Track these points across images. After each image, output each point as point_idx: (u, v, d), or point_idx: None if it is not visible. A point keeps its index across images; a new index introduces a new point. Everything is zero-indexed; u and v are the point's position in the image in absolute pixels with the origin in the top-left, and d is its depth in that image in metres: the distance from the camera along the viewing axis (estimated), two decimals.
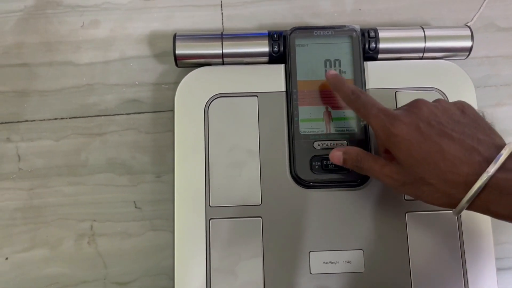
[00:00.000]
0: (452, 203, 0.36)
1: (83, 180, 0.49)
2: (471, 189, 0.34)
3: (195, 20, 0.53)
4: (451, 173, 0.34)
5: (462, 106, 0.39)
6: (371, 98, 0.41)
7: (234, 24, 0.53)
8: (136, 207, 0.49)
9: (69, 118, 0.50)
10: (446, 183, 0.35)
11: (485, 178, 0.33)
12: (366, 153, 0.41)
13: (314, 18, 0.53)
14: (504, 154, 0.33)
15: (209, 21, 0.53)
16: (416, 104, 0.39)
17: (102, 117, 0.50)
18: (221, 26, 0.53)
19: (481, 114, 0.39)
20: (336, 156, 0.42)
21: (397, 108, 0.41)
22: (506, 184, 0.33)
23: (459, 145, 0.35)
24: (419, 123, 0.37)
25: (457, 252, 0.44)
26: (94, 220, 0.48)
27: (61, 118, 0.50)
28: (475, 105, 0.47)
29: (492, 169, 0.33)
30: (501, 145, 0.35)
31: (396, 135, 0.37)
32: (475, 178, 0.33)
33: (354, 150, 0.42)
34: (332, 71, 0.45)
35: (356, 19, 0.52)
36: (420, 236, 0.44)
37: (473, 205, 0.35)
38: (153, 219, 0.48)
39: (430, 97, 0.46)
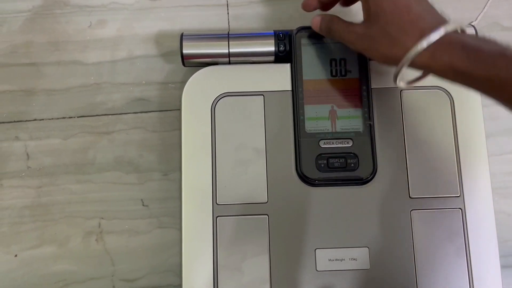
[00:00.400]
0: (397, 55, 0.38)
1: (91, 178, 0.50)
2: (423, 40, 0.36)
3: (202, 20, 0.53)
4: (410, 23, 0.37)
5: None
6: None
7: (240, 24, 0.53)
8: (143, 205, 0.49)
9: (77, 117, 0.51)
10: (401, 30, 0.38)
11: (443, 32, 0.36)
12: (339, 18, 0.44)
13: None
14: (461, 22, 0.37)
15: (216, 21, 0.53)
16: None
17: (110, 116, 0.51)
18: (227, 25, 0.53)
19: None
20: (315, 20, 0.45)
21: None
22: (457, 40, 0.35)
23: (425, 7, 0.38)
24: None
25: (462, 250, 0.45)
26: (102, 218, 0.49)
27: (69, 117, 0.51)
28: (479, 103, 0.47)
29: (451, 26, 0.36)
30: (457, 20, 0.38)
31: None
32: (430, 31, 0.36)
33: (330, 15, 0.45)
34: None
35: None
36: (425, 234, 0.45)
37: (419, 57, 0.37)
38: (160, 217, 0.49)
39: (435, 96, 0.47)
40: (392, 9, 0.38)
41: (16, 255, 0.48)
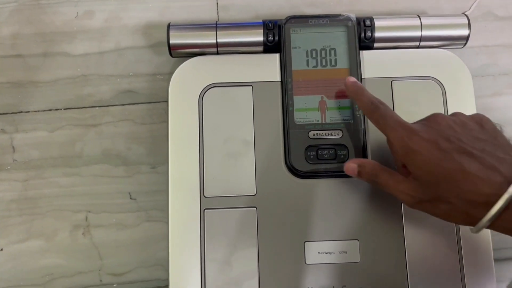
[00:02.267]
0: (471, 222, 0.35)
1: (78, 171, 0.49)
2: (492, 210, 0.32)
3: (191, 10, 0.53)
4: (472, 193, 0.33)
5: (480, 120, 0.37)
6: (390, 110, 0.39)
7: (230, 14, 0.53)
8: (131, 198, 0.49)
9: (64, 109, 0.50)
10: (466, 203, 0.34)
11: (506, 198, 0.32)
12: (381, 167, 0.40)
13: (311, 7, 0.53)
14: None
15: (205, 11, 0.53)
16: (434, 119, 0.38)
17: (97, 108, 0.50)
18: (217, 16, 0.52)
19: (499, 128, 0.38)
20: (351, 168, 0.41)
21: (415, 122, 0.39)
22: None
23: (480, 163, 0.34)
24: (438, 140, 0.35)
25: (454, 242, 0.44)
26: (89, 211, 0.48)
27: (56, 109, 0.50)
28: (471, 94, 0.47)
29: None
30: None
31: (415, 151, 0.35)
32: (496, 199, 0.32)
33: (370, 163, 0.40)
34: (352, 78, 0.43)
35: (352, 8, 0.52)
36: (416, 226, 0.44)
37: (493, 225, 0.34)
38: (149, 210, 0.48)
39: (426, 86, 0.46)
40: (443, 175, 0.34)
41: (2, 249, 0.47)
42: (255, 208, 0.44)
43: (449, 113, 0.46)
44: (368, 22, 0.47)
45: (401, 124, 0.37)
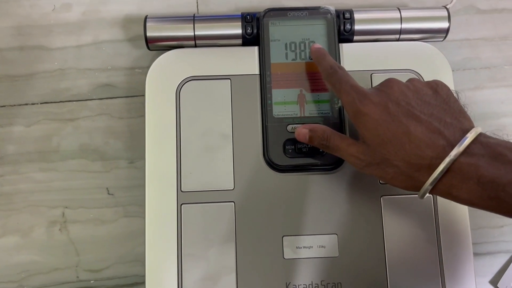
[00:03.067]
0: (416, 186, 0.35)
1: (55, 166, 0.48)
2: (434, 173, 0.33)
3: (170, 4, 0.52)
4: (416, 156, 0.34)
5: (436, 85, 0.38)
6: (348, 75, 0.40)
7: (210, 7, 0.52)
8: (109, 193, 0.48)
9: (41, 103, 0.49)
10: (410, 166, 0.34)
11: (447, 162, 0.33)
12: (332, 131, 0.40)
13: (291, 0, 0.52)
14: (468, 139, 0.33)
15: (184, 4, 0.52)
16: (387, 84, 0.38)
17: (75, 102, 0.50)
18: (196, 9, 0.52)
19: (455, 95, 0.38)
20: (302, 133, 0.41)
21: (371, 88, 0.40)
22: (469, 169, 0.32)
23: (426, 127, 0.34)
24: (388, 103, 0.36)
25: (433, 237, 0.44)
26: (66, 207, 0.48)
27: (32, 104, 0.49)
28: (451, 87, 0.46)
29: (454, 153, 0.33)
30: (467, 129, 0.34)
31: (364, 113, 0.36)
32: (439, 162, 0.33)
33: (320, 127, 0.41)
34: (317, 44, 0.45)
35: (332, 1, 0.51)
36: (396, 220, 0.44)
37: (436, 189, 0.34)
38: (127, 205, 0.48)
39: (406, 79, 0.46)
40: (390, 138, 0.35)
41: None
42: (233, 203, 0.44)
43: None
44: (347, 15, 0.47)
45: (355, 88, 0.38)
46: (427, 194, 0.35)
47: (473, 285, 0.43)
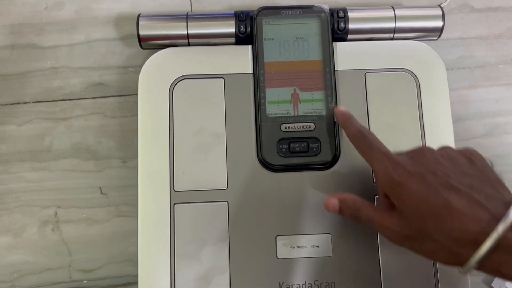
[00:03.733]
0: (459, 262, 0.33)
1: (47, 166, 0.48)
2: (480, 249, 0.31)
3: (163, 2, 0.52)
4: (458, 230, 0.32)
5: (470, 154, 0.36)
6: (377, 140, 0.38)
7: (203, 6, 0.52)
8: (101, 193, 0.48)
9: (33, 102, 0.49)
10: (452, 241, 0.32)
11: (495, 238, 0.30)
12: (363, 202, 0.38)
13: None
14: None
15: (177, 2, 0.52)
16: (420, 152, 0.36)
17: (67, 101, 0.49)
18: (190, 8, 0.51)
19: (489, 163, 0.37)
20: (332, 203, 0.39)
21: (400, 153, 0.38)
22: None
23: (467, 200, 0.32)
24: (424, 173, 0.34)
25: None
26: (59, 207, 0.47)
27: (24, 103, 0.49)
28: (446, 86, 0.46)
29: (502, 228, 0.30)
30: (510, 201, 0.32)
31: (400, 184, 0.34)
32: (484, 237, 0.31)
33: (351, 197, 0.38)
34: (342, 107, 0.43)
35: (327, 0, 0.51)
36: None
37: (482, 266, 0.32)
38: (119, 205, 0.47)
39: (400, 78, 0.46)
40: (429, 211, 0.33)
41: None
42: (226, 202, 0.43)
43: (423, 105, 0.46)
44: (341, 14, 0.46)
45: (387, 155, 0.36)
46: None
47: (467, 284, 0.43)
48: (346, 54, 0.46)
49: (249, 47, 0.46)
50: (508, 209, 0.31)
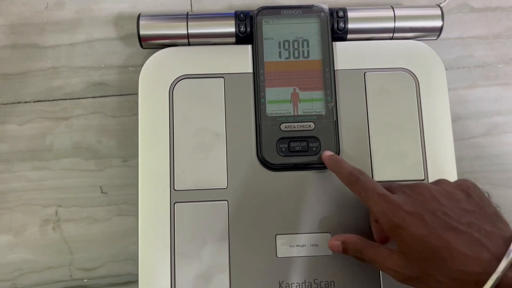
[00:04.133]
0: None
1: (48, 165, 0.48)
2: None
3: (163, 2, 0.52)
4: (460, 272, 0.32)
5: (467, 188, 0.36)
6: (370, 181, 0.39)
7: (203, 5, 0.52)
8: (102, 192, 0.48)
9: (34, 101, 0.49)
10: (455, 282, 0.33)
11: (495, 279, 0.31)
12: (364, 243, 0.39)
13: None
14: None
15: (177, 2, 0.52)
16: (418, 190, 0.36)
17: (68, 100, 0.49)
18: (190, 8, 0.52)
19: (486, 195, 0.37)
20: (335, 245, 0.40)
21: (396, 187, 0.38)
22: None
23: (467, 240, 0.33)
24: (424, 214, 0.34)
25: None
26: (60, 206, 0.47)
27: (25, 102, 0.49)
28: (445, 86, 0.46)
29: (502, 268, 0.31)
30: (509, 237, 0.33)
31: (400, 226, 0.34)
32: (486, 278, 0.31)
33: (352, 239, 0.39)
34: (328, 152, 0.43)
35: (327, 0, 0.51)
36: None
37: None
38: (120, 204, 0.48)
39: (399, 78, 0.46)
40: (430, 253, 0.33)
41: None
42: (226, 202, 0.44)
43: (423, 105, 0.46)
44: (341, 13, 0.47)
45: (384, 197, 0.36)
46: None
47: None
48: (345, 54, 0.47)
49: (249, 46, 0.46)
50: (508, 247, 0.32)
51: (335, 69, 0.46)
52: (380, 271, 0.43)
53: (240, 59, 0.46)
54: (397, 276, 0.36)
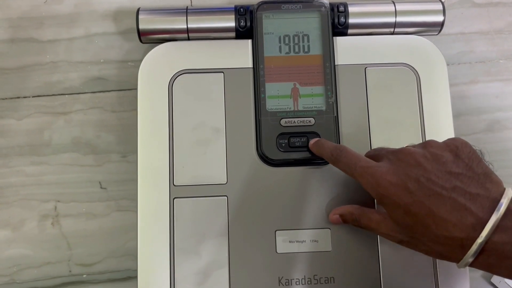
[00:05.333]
0: (453, 260, 0.34)
1: (47, 160, 0.48)
2: (466, 255, 0.32)
3: None
4: (445, 237, 0.32)
5: (455, 148, 0.35)
6: (351, 155, 0.38)
7: (203, 0, 0.51)
8: (101, 187, 0.48)
9: (32, 96, 0.49)
10: (440, 246, 0.33)
11: (478, 244, 0.31)
12: (360, 210, 0.39)
13: None
14: (499, 213, 0.31)
15: None
16: (403, 157, 0.36)
17: (67, 95, 0.49)
18: (189, 2, 0.51)
19: (478, 153, 0.35)
20: (335, 218, 0.41)
21: (382, 154, 0.38)
22: (504, 248, 0.30)
23: (450, 205, 0.32)
24: (407, 182, 0.34)
25: None
26: (58, 201, 0.47)
27: (24, 97, 0.49)
28: (446, 81, 0.46)
29: (485, 233, 0.30)
30: (496, 198, 0.32)
31: (385, 196, 0.35)
32: (470, 243, 0.31)
33: (347, 210, 0.41)
34: (312, 140, 0.43)
35: None
36: None
37: (474, 265, 0.32)
38: (119, 200, 0.48)
39: (400, 73, 0.46)
40: (415, 220, 0.33)
41: None
42: (225, 197, 0.43)
43: (424, 101, 0.46)
44: (341, 8, 0.46)
45: (366, 169, 0.36)
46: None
47: (467, 280, 0.43)
48: (346, 49, 0.46)
49: (249, 41, 0.46)
50: (493, 210, 0.31)
51: (335, 64, 0.46)
52: (380, 271, 0.43)
53: (240, 54, 0.46)
54: (392, 239, 0.37)
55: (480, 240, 0.31)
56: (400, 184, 0.34)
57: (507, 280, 0.46)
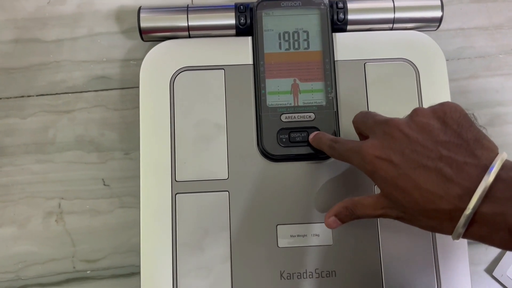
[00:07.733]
0: (445, 233, 0.32)
1: (51, 158, 0.48)
2: (457, 227, 0.30)
3: None
4: (433, 210, 0.31)
5: (443, 115, 0.33)
6: (343, 144, 0.38)
7: None
8: (104, 184, 0.48)
9: (36, 95, 0.50)
10: (431, 220, 0.32)
11: (466, 216, 0.29)
12: (351, 202, 0.38)
13: None
14: (488, 181, 0.29)
15: None
16: (387, 129, 0.35)
17: (70, 94, 0.50)
18: (190, 0, 0.52)
19: (471, 117, 0.34)
20: (332, 221, 0.38)
21: (369, 127, 0.37)
22: (495, 219, 0.29)
23: (436, 176, 0.31)
24: (391, 156, 0.33)
25: None
26: (62, 198, 0.48)
27: (28, 96, 0.50)
28: (445, 76, 0.46)
29: (472, 205, 0.29)
30: (485, 165, 0.30)
31: (373, 172, 0.34)
32: (459, 214, 0.30)
33: (340, 206, 0.38)
34: (312, 134, 0.44)
35: None
36: None
37: (467, 236, 0.31)
38: (122, 196, 0.48)
39: (400, 68, 0.46)
40: (402, 195, 0.32)
41: None
42: (227, 192, 0.44)
43: (423, 96, 0.46)
44: (340, 4, 0.47)
45: (355, 148, 0.36)
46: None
47: (468, 273, 0.43)
48: (345, 45, 0.47)
49: (249, 38, 0.47)
50: (481, 178, 0.29)
51: (335, 60, 0.46)
52: (382, 264, 0.43)
53: (240, 50, 0.46)
54: (390, 217, 0.35)
55: (467, 211, 0.29)
56: (385, 158, 0.33)
57: (508, 273, 0.46)
